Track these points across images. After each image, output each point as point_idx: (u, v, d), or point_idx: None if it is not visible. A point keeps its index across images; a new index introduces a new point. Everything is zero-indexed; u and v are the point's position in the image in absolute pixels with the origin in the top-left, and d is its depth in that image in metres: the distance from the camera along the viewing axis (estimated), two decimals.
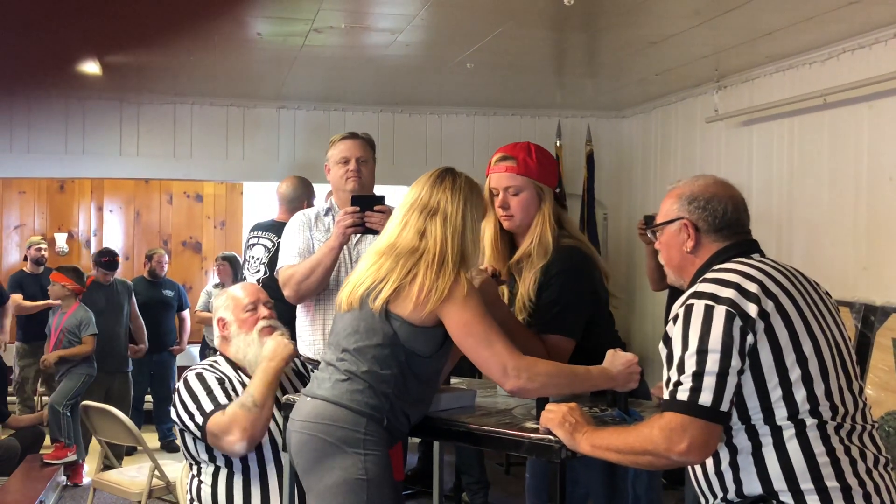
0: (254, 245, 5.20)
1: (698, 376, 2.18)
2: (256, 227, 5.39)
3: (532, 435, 2.57)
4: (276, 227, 5.18)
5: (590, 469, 3.36)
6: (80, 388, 6.73)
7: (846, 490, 2.16)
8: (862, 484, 2.18)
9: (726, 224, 2.43)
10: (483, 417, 2.82)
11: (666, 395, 2.24)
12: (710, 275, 2.32)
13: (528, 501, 3.72)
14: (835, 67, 5.21)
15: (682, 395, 2.19)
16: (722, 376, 2.17)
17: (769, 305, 2.22)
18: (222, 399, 3.20)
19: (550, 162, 3.38)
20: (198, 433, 3.18)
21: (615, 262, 7.58)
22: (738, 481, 2.23)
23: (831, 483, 2.16)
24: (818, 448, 2.18)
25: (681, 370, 2.21)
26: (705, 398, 2.16)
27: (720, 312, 2.20)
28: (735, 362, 2.17)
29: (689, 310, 2.25)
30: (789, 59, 5.53)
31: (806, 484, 2.17)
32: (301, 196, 5.53)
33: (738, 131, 6.13)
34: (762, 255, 2.44)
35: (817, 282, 2.45)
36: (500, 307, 3.12)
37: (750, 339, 2.19)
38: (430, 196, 2.81)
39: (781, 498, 2.18)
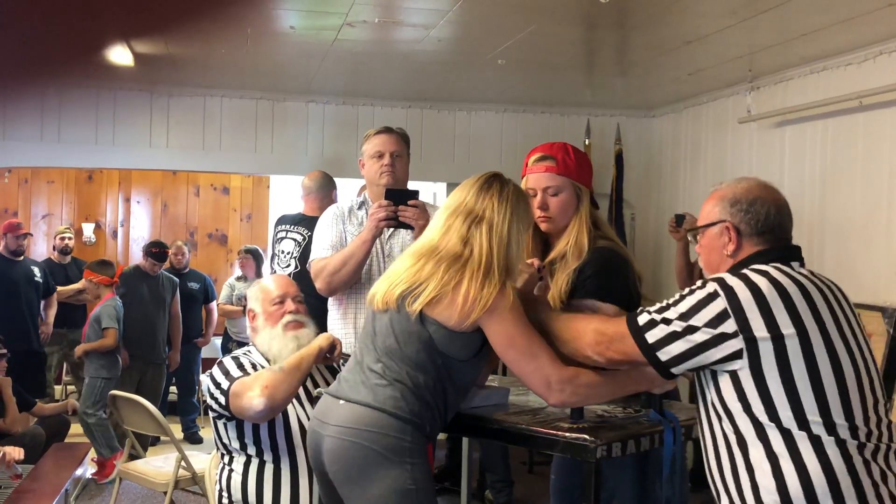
0: (282, 239, 5.19)
1: (667, 322, 2.31)
2: (283, 221, 5.36)
3: (567, 434, 2.55)
4: (305, 221, 5.17)
5: (619, 471, 3.33)
6: (100, 392, 6.62)
7: None
8: None
9: (769, 228, 2.39)
10: (516, 415, 2.80)
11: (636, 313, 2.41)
12: (745, 270, 2.31)
13: (552, 501, 3.69)
14: (871, 69, 5.16)
15: (643, 319, 2.36)
16: (680, 335, 2.28)
17: (784, 321, 2.20)
18: (251, 372, 3.22)
19: (587, 162, 3.35)
20: (222, 399, 3.15)
21: (642, 262, 7.54)
22: (757, 497, 2.21)
23: (851, 503, 2.14)
24: (838, 466, 2.15)
25: (659, 310, 2.35)
26: (654, 336, 2.32)
27: (719, 304, 2.24)
28: (703, 338, 2.25)
29: (704, 283, 2.32)
30: (824, 60, 5.49)
31: (826, 501, 2.14)
32: (325, 187, 5.52)
33: (770, 133, 6.09)
34: (802, 263, 2.39)
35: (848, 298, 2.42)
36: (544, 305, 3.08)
37: (734, 343, 2.21)
38: (476, 202, 2.71)
39: None
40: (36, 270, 7.70)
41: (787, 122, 5.89)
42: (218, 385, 3.19)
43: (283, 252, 5.11)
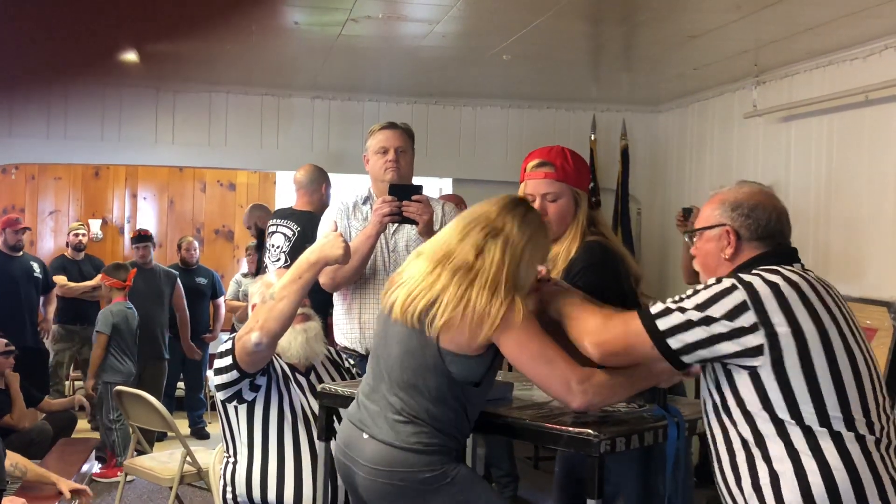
0: (273, 233, 5.20)
1: (682, 311, 2.28)
2: (275, 215, 5.40)
3: (571, 428, 2.55)
4: (295, 215, 5.21)
5: (623, 467, 3.33)
6: (112, 396, 6.55)
7: None
8: None
9: (768, 233, 2.40)
10: (520, 410, 2.81)
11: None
12: (756, 270, 2.30)
13: (554, 495, 3.69)
14: (877, 64, 5.14)
15: (656, 308, 2.34)
16: (696, 324, 2.25)
17: (803, 316, 2.21)
18: None
19: (584, 166, 3.36)
20: (229, 359, 3.11)
21: (648, 257, 7.53)
22: (778, 498, 2.19)
23: (874, 500, 2.13)
24: (859, 462, 2.15)
25: (675, 301, 2.33)
26: (667, 323, 2.29)
27: (738, 296, 2.22)
28: (720, 329, 2.22)
29: (718, 280, 2.31)
30: (830, 54, 5.47)
31: (849, 499, 2.13)
32: (315, 181, 5.51)
33: (776, 127, 6.07)
34: (802, 265, 2.40)
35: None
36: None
37: (754, 338, 2.19)
38: (498, 216, 2.68)
39: None
40: (35, 266, 7.68)
41: (793, 116, 5.87)
42: (221, 353, 3.17)
43: (273, 246, 5.13)
